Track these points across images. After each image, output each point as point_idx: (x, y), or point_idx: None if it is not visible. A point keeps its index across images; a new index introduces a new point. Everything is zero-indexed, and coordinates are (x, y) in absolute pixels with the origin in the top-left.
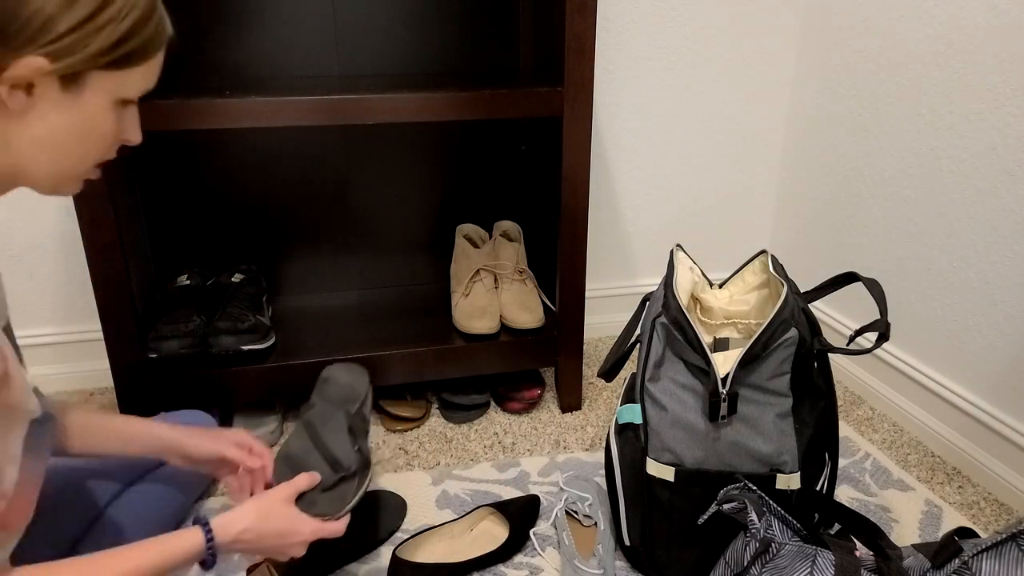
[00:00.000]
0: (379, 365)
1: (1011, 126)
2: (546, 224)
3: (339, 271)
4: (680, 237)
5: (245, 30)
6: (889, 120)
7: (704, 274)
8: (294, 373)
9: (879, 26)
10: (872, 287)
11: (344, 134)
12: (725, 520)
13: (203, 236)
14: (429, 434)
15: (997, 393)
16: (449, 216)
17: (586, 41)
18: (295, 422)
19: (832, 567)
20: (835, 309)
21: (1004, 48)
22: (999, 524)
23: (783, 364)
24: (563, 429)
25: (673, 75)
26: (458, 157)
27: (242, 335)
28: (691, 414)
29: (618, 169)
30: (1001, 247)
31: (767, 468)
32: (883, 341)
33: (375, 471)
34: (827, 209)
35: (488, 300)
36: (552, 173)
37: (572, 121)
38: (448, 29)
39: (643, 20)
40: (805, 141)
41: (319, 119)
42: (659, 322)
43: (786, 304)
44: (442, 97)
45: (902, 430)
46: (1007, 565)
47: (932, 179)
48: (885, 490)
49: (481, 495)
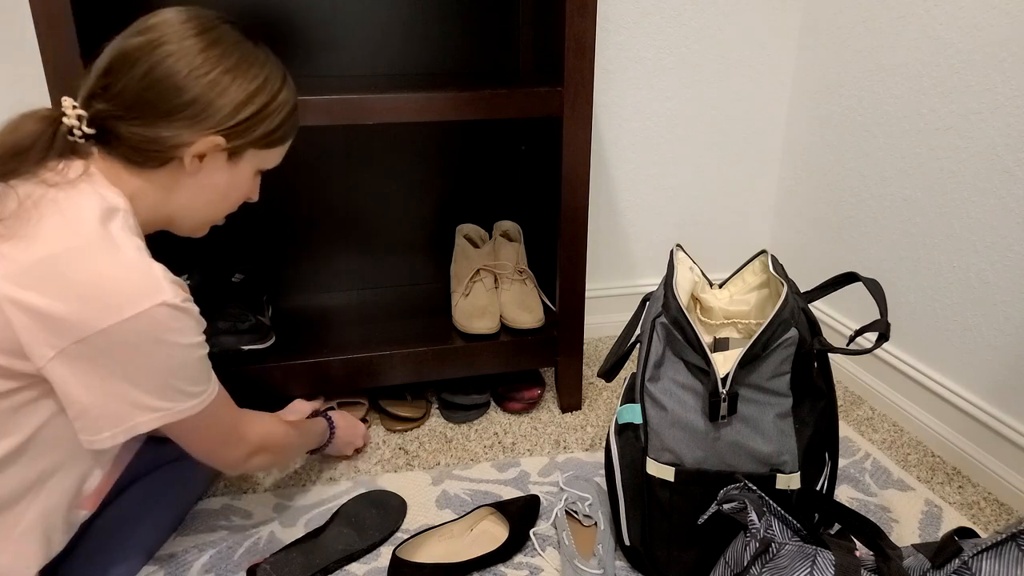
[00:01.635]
0: (379, 365)
1: (1011, 126)
2: (546, 224)
3: (339, 271)
4: (680, 237)
5: (244, 30)
6: (889, 120)
7: (704, 274)
8: (294, 373)
9: (879, 26)
10: (872, 287)
11: (344, 134)
12: (725, 520)
13: (203, 236)
14: (429, 434)
15: (997, 393)
16: (449, 216)
17: (586, 41)
18: None
19: (832, 567)
20: (835, 309)
21: (1004, 48)
22: (999, 524)
23: (783, 364)
24: (563, 429)
25: (673, 75)
26: (458, 157)
27: (242, 335)
28: (691, 414)
29: (618, 169)
30: (1001, 247)
31: (767, 468)
32: (883, 341)
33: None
34: (827, 209)
35: (488, 300)
36: (552, 173)
37: (572, 121)
38: (448, 29)
39: (643, 20)
40: (805, 141)
41: (319, 119)
42: (659, 322)
43: (786, 304)
44: (442, 97)
45: (902, 430)
46: (1007, 565)
47: (932, 179)
48: (885, 490)
49: (481, 495)
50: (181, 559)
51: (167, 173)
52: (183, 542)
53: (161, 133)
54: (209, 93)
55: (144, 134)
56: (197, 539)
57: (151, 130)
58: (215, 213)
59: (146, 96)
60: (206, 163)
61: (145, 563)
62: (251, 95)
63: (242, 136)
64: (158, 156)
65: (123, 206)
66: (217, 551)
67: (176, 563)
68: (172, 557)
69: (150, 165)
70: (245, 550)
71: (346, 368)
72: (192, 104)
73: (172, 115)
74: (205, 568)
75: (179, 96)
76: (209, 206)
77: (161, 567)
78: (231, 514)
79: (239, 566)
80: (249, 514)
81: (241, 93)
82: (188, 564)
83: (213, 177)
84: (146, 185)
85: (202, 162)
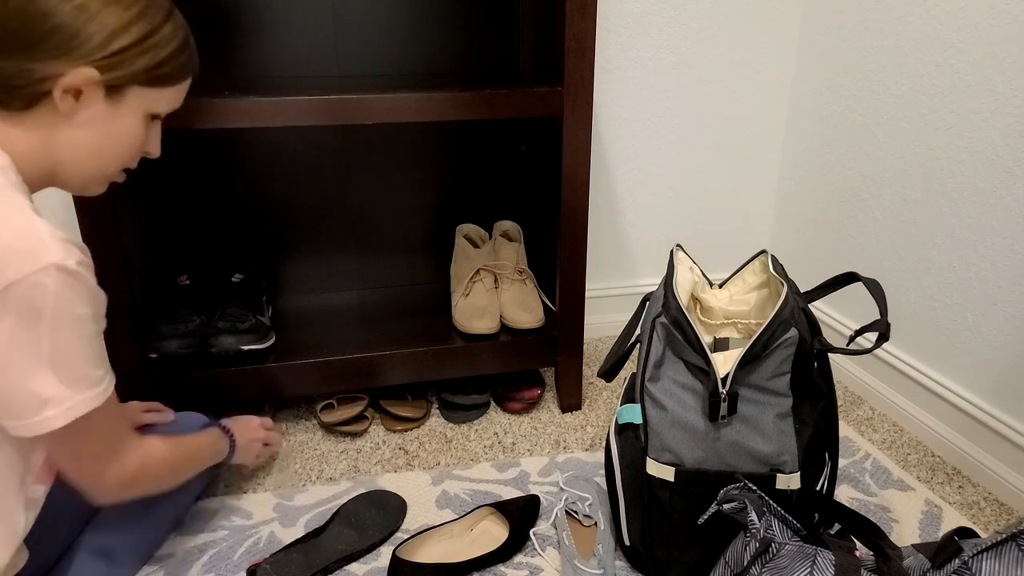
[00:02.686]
0: (379, 365)
1: (1011, 126)
2: (546, 224)
3: (339, 271)
4: (680, 237)
5: (245, 30)
6: (889, 120)
7: (704, 274)
8: (294, 373)
9: (879, 26)
10: (872, 287)
11: (344, 134)
12: (725, 520)
13: (203, 236)
14: (429, 434)
15: (997, 393)
16: (449, 216)
17: (586, 41)
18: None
19: (832, 567)
20: (835, 309)
21: (1004, 48)
22: (999, 524)
23: (783, 364)
24: (563, 429)
25: (673, 75)
26: (458, 157)
27: (242, 335)
28: (691, 414)
29: (618, 169)
30: (1001, 247)
31: (767, 468)
32: (883, 341)
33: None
34: (827, 209)
35: (488, 300)
36: (552, 173)
37: (572, 121)
38: (448, 29)
39: (643, 20)
40: (805, 141)
41: (319, 119)
42: (659, 322)
43: (786, 304)
44: (442, 97)
45: (902, 430)
46: (1007, 565)
47: (932, 179)
48: (885, 490)
49: (481, 495)
50: (181, 559)
51: (41, 115)
52: (183, 542)
53: (26, 65)
54: (77, 19)
55: (7, 68)
56: (197, 539)
57: (15, 63)
58: (104, 163)
59: (8, 25)
60: (83, 101)
61: (145, 563)
62: (126, 23)
63: (118, 68)
64: (24, 93)
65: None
66: (217, 551)
67: (176, 563)
68: (172, 557)
69: (16, 105)
70: (245, 550)
71: (346, 368)
72: (57, 31)
73: (37, 44)
74: (205, 568)
75: (44, 23)
76: (95, 154)
77: (161, 567)
78: (231, 514)
79: (239, 566)
80: (249, 514)
81: (114, 20)
82: (188, 564)
83: (93, 119)
84: (21, 133)
85: (78, 101)
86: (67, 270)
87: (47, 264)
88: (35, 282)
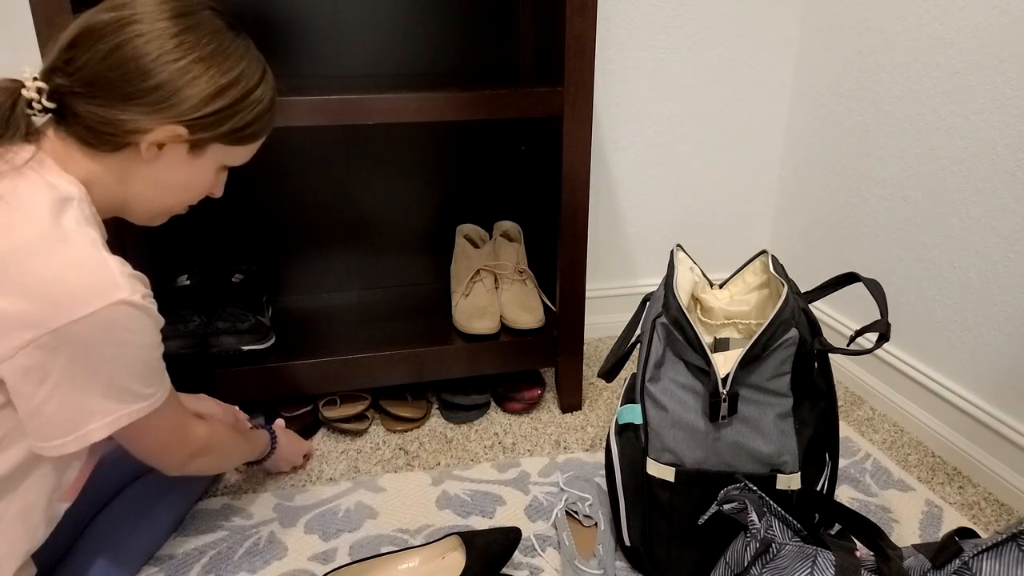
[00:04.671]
0: (379, 365)
1: (1011, 126)
2: (546, 224)
3: (339, 271)
4: (680, 237)
5: (244, 30)
6: (889, 120)
7: (704, 274)
8: (294, 373)
9: (879, 26)
10: (872, 287)
11: (344, 134)
12: (725, 520)
13: (203, 236)
14: (429, 434)
15: (997, 393)
16: (449, 216)
17: (586, 41)
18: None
19: (832, 567)
20: (835, 309)
21: (1004, 48)
22: (999, 524)
23: (783, 364)
24: (563, 429)
25: (673, 75)
26: (458, 157)
27: (242, 335)
28: (691, 414)
29: (618, 169)
30: (1001, 247)
31: (767, 468)
32: (883, 341)
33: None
34: (827, 209)
35: (488, 300)
36: (552, 173)
37: (572, 121)
38: (448, 29)
39: (643, 20)
40: (805, 141)
41: (319, 119)
42: (659, 322)
43: (786, 304)
44: (442, 97)
45: (902, 430)
46: (1007, 565)
47: (932, 179)
48: (885, 490)
49: (481, 495)
50: (181, 559)
51: (122, 159)
52: (183, 542)
53: (119, 116)
54: (177, 81)
55: (102, 115)
56: (197, 539)
57: (110, 112)
58: (172, 204)
59: (108, 75)
60: (165, 152)
61: (145, 563)
62: (222, 88)
63: (207, 130)
64: (113, 140)
65: (77, 194)
66: (217, 551)
67: (176, 563)
68: (172, 557)
69: (104, 148)
70: (245, 550)
71: (346, 368)
72: (156, 90)
73: (133, 99)
74: (205, 568)
75: (143, 80)
76: (165, 196)
77: (161, 567)
78: (231, 514)
79: (239, 566)
80: (249, 514)
81: (211, 85)
82: (188, 564)
83: (171, 168)
84: (100, 170)
85: (160, 151)
86: (135, 304)
87: (117, 300)
88: (104, 316)
